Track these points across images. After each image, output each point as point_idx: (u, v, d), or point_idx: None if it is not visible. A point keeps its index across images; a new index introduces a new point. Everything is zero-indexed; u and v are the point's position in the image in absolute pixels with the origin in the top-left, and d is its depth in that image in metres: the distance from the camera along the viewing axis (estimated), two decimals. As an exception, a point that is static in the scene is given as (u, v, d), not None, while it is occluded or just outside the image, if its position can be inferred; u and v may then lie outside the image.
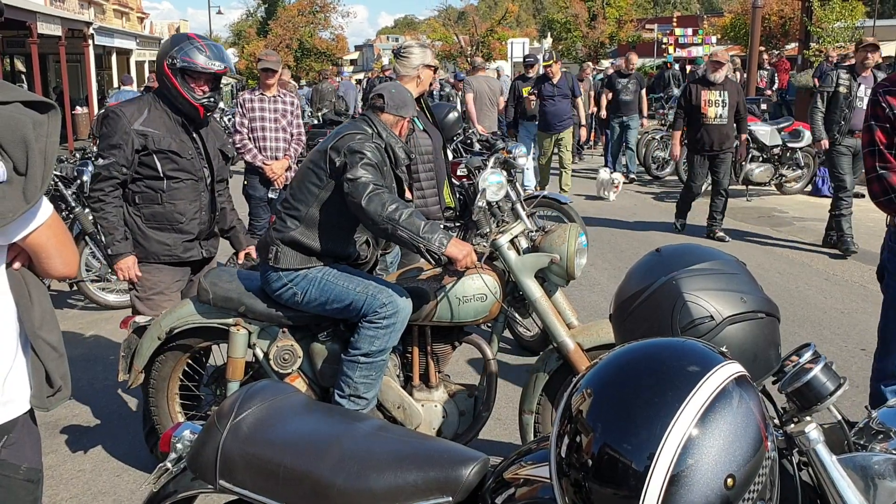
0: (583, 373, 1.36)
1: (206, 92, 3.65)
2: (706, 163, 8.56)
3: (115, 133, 3.58)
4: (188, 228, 3.75)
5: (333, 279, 3.27)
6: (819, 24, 19.00)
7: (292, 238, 3.29)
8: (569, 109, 10.27)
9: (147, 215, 3.69)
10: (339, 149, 3.23)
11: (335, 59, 54.73)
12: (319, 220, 3.29)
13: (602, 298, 6.36)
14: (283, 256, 3.29)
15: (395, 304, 3.19)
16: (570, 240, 3.30)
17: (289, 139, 6.66)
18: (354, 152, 3.19)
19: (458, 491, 1.76)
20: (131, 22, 32.86)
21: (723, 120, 8.32)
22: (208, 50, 3.61)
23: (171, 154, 3.63)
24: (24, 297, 1.91)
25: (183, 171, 3.68)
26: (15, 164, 1.73)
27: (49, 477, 3.66)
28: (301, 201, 3.31)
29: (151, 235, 3.69)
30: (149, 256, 3.71)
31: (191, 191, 3.73)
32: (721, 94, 8.32)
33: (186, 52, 3.57)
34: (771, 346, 1.74)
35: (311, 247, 3.29)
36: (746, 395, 1.26)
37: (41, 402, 1.95)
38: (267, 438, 1.92)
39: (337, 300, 3.24)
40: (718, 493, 1.18)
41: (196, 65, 3.57)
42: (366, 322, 3.20)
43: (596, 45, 38.71)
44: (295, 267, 3.29)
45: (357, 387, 3.23)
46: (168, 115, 3.66)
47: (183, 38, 3.68)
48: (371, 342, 3.19)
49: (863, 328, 5.63)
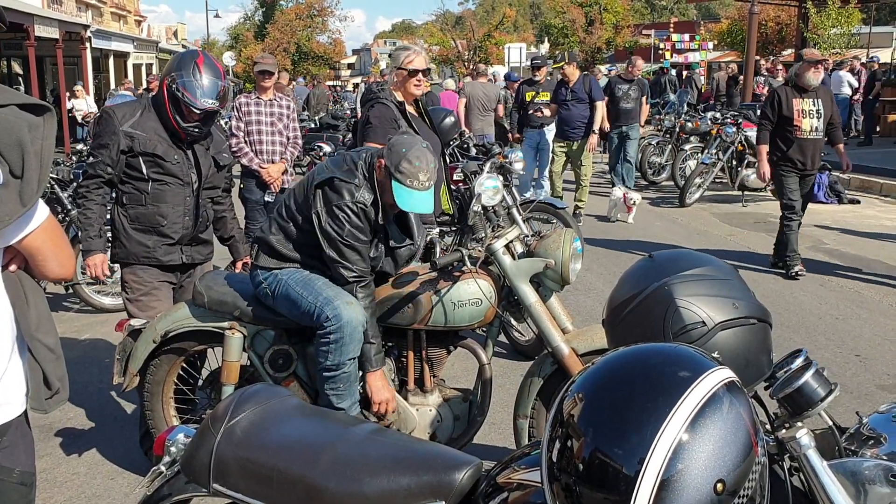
0: (574, 377, 1.37)
1: (193, 121, 3.62)
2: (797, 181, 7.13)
3: (104, 133, 3.65)
4: (169, 232, 3.73)
5: (294, 283, 3.28)
6: (815, 30, 19.08)
7: (269, 242, 3.35)
8: (584, 115, 9.47)
9: (132, 216, 3.72)
10: (322, 197, 3.21)
11: (332, 63, 54.81)
12: (296, 237, 3.34)
13: (598, 303, 6.36)
14: (260, 255, 3.37)
15: (339, 317, 3.12)
16: (565, 245, 3.30)
17: (285, 142, 6.65)
18: (336, 217, 3.17)
19: (452, 495, 1.77)
20: (129, 25, 32.85)
21: (818, 134, 6.99)
22: (207, 84, 3.58)
23: (155, 157, 3.64)
24: (21, 299, 1.91)
25: (168, 175, 3.68)
26: (11, 167, 1.73)
27: (43, 480, 3.65)
28: (286, 217, 3.36)
29: (133, 236, 3.71)
30: (129, 257, 3.73)
31: (175, 195, 3.72)
32: (815, 102, 6.96)
33: (184, 83, 3.55)
34: (763, 351, 1.75)
35: (285, 254, 3.35)
36: (737, 400, 1.27)
37: (39, 404, 1.95)
38: (261, 442, 1.92)
39: (294, 305, 3.26)
40: (708, 498, 1.19)
41: (189, 101, 3.55)
42: (318, 335, 3.20)
43: (593, 50, 38.80)
44: (269, 266, 3.34)
45: (330, 398, 3.24)
46: (158, 122, 3.67)
47: (189, 61, 3.61)
48: (325, 356, 3.19)
49: (857, 334, 5.64)
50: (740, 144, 10.94)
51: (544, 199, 6.82)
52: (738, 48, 29.53)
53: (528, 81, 10.39)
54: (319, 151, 9.36)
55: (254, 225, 6.62)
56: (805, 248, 8.40)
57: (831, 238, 8.89)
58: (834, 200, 10.95)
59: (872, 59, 20.83)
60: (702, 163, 10.93)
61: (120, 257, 3.75)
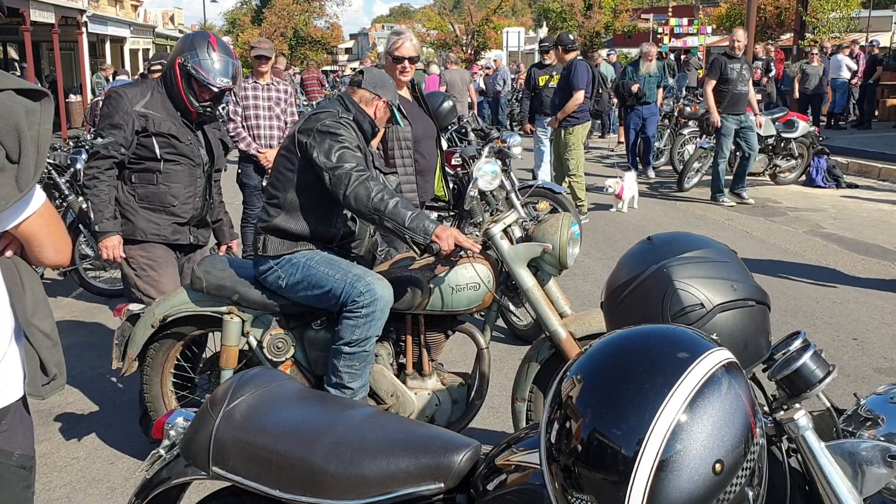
0: (573, 359, 1.37)
1: (206, 100, 3.71)
2: None
3: (116, 112, 3.61)
4: (179, 212, 3.77)
5: (315, 264, 3.28)
6: (814, 14, 19.02)
7: (276, 226, 3.32)
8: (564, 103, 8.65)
9: (141, 195, 3.72)
10: (308, 130, 3.24)
11: (330, 48, 54.57)
12: (300, 203, 3.30)
13: (596, 287, 6.37)
14: (269, 244, 3.33)
15: (373, 292, 3.17)
16: (563, 229, 3.30)
17: (283, 127, 6.63)
18: (326, 133, 3.20)
19: (450, 477, 1.77)
20: (125, 10, 32.63)
21: None
22: (220, 63, 3.65)
23: (169, 137, 3.67)
24: (17, 284, 1.91)
25: (181, 156, 3.72)
26: (7, 152, 1.72)
27: (43, 465, 3.66)
28: (279, 188, 3.33)
29: (142, 213, 3.72)
30: (136, 233, 3.72)
31: (187, 175, 3.76)
32: None
33: (199, 62, 3.61)
34: (761, 333, 1.75)
35: (295, 231, 3.31)
36: (735, 381, 1.27)
37: (36, 390, 1.96)
38: (260, 425, 1.92)
39: (317, 286, 3.25)
40: (707, 479, 1.19)
41: (205, 78, 3.62)
42: (346, 311, 3.21)
43: (591, 34, 38.65)
44: (281, 253, 3.32)
45: (342, 376, 3.24)
46: (168, 102, 3.71)
47: (202, 41, 3.69)
48: (352, 331, 3.19)
49: (854, 317, 5.65)
50: (739, 129, 10.91)
51: (542, 183, 6.81)
52: (737, 32, 29.43)
53: (539, 65, 10.05)
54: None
55: (252, 210, 6.62)
56: (803, 232, 8.42)
57: (829, 222, 8.90)
58: (832, 185, 10.96)
59: (872, 43, 20.78)
60: (700, 147, 10.91)
61: (126, 233, 3.72)
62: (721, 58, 9.62)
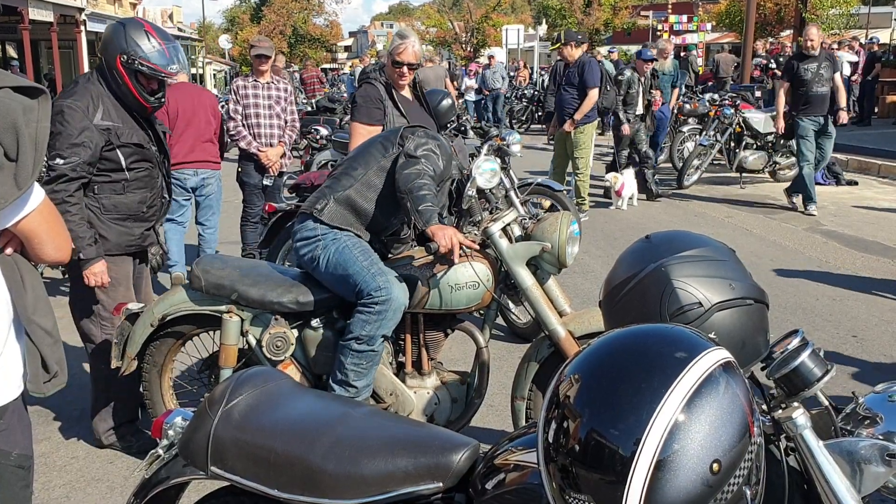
0: (570, 359, 1.36)
1: (155, 91, 3.53)
2: None
3: (75, 130, 3.35)
4: (149, 216, 3.68)
5: (352, 246, 3.32)
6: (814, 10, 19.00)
7: (346, 196, 3.38)
8: (578, 101, 8.45)
9: (107, 206, 3.53)
10: (414, 133, 3.42)
11: (329, 46, 54.55)
12: (375, 184, 3.38)
13: (595, 285, 6.36)
14: (330, 211, 3.37)
15: (389, 290, 3.21)
16: (562, 228, 3.30)
17: (283, 125, 6.64)
18: (428, 138, 3.38)
19: (449, 477, 1.77)
20: (124, 8, 32.59)
21: None
22: (167, 50, 3.45)
23: (134, 147, 3.52)
24: (17, 282, 1.91)
25: (144, 161, 3.58)
26: (6, 150, 1.73)
27: (42, 464, 3.66)
28: (362, 164, 3.43)
29: (113, 226, 3.54)
30: (111, 249, 3.54)
31: (149, 178, 3.64)
32: None
33: (146, 55, 3.40)
34: (759, 332, 1.75)
35: (359, 208, 3.38)
36: (733, 380, 1.27)
37: (38, 387, 1.96)
38: (258, 424, 1.92)
39: (344, 267, 3.28)
40: (704, 478, 1.19)
41: (157, 71, 3.43)
42: (360, 305, 3.24)
43: (591, 31, 38.61)
44: (335, 224, 3.36)
45: (347, 373, 3.25)
46: (118, 106, 3.51)
47: (139, 31, 3.44)
48: (363, 327, 3.21)
49: (854, 315, 5.65)
50: (738, 126, 10.91)
51: (542, 181, 6.80)
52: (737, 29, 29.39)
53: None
54: (316, 134, 9.32)
55: (252, 209, 6.62)
56: (802, 230, 8.42)
57: (829, 219, 8.89)
58: (832, 181, 10.94)
59: (872, 39, 20.77)
60: (700, 144, 10.90)
61: (106, 252, 3.51)
62: (792, 60, 9.06)
